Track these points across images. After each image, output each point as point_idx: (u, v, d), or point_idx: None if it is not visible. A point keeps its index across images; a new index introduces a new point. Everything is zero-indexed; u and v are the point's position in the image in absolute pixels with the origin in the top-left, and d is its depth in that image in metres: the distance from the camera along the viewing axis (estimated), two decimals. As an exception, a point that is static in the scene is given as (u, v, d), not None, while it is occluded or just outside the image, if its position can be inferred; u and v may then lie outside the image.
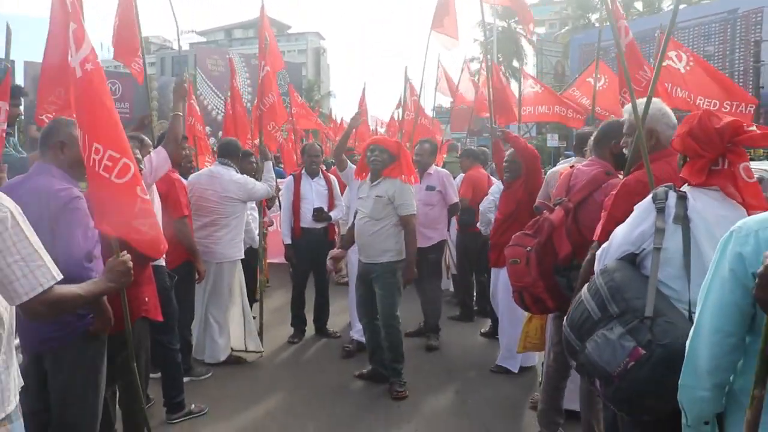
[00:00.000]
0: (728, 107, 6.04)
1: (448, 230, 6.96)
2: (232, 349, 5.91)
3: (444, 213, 6.54)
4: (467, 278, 7.39)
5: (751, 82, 21.62)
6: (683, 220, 2.27)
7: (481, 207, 6.27)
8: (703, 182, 2.32)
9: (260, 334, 6.20)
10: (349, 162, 6.19)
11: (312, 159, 6.75)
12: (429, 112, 14.75)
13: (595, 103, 7.56)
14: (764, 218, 1.72)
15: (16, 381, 2.09)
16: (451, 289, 8.02)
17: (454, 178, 7.13)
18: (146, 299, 3.74)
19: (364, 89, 11.06)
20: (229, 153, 5.88)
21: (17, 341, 2.91)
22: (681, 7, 35.14)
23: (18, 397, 2.08)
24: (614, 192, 2.91)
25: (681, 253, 2.25)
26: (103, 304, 2.88)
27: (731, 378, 1.82)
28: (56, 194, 2.83)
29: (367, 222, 5.14)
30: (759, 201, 2.27)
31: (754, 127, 2.29)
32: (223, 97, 18.10)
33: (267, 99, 6.45)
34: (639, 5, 40.58)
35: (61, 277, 2.10)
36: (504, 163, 5.49)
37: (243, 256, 5.92)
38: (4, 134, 4.08)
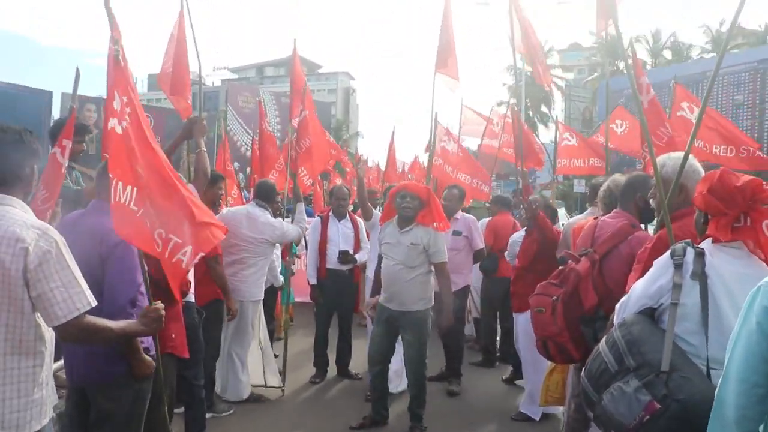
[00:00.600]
0: (744, 152, 6.09)
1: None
2: (252, 386, 5.93)
3: (469, 258, 6.58)
4: (491, 324, 7.36)
5: (781, 132, 21.48)
6: (701, 276, 2.31)
7: (508, 255, 6.31)
8: (728, 238, 2.36)
9: (283, 373, 6.22)
10: (374, 210, 6.29)
11: (339, 202, 6.86)
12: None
13: (617, 148, 7.64)
14: None
15: (51, 397, 2.35)
16: (473, 334, 7.99)
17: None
18: (173, 336, 3.80)
19: (393, 133, 11.18)
20: (267, 196, 5.96)
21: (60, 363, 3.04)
22: (709, 56, 35.22)
23: (52, 411, 2.32)
24: (649, 245, 2.93)
25: (698, 309, 2.28)
26: (138, 349, 2.96)
27: (760, 429, 1.82)
28: (109, 234, 2.94)
29: (401, 269, 5.05)
30: None
31: None
32: (251, 135, 18.41)
33: (304, 143, 6.56)
34: (667, 53, 40.75)
35: (95, 303, 2.33)
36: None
37: (263, 296, 5.98)
38: (65, 170, 4.22)
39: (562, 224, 6.30)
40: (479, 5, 31.42)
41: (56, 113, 15.21)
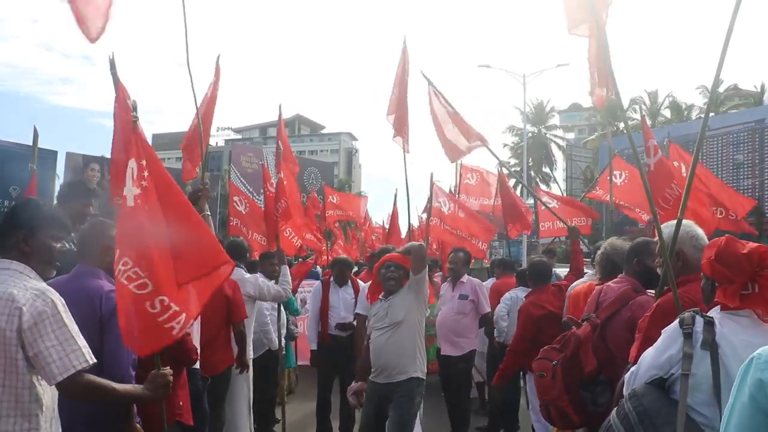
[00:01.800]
0: (734, 216, 6.11)
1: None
2: None
3: (475, 323, 6.54)
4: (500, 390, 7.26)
5: (782, 192, 21.63)
6: (711, 345, 2.28)
7: (495, 314, 6.31)
8: (738, 305, 2.34)
9: None
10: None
11: (342, 271, 6.88)
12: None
13: (617, 200, 7.70)
14: None
15: None
16: (477, 397, 7.86)
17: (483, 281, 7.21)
18: (180, 403, 3.77)
19: (395, 196, 11.28)
20: (234, 254, 5.94)
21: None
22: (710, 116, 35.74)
23: None
24: (649, 314, 2.93)
25: (710, 379, 2.25)
26: (133, 415, 2.97)
27: None
28: (108, 297, 2.99)
29: (386, 340, 4.72)
30: None
31: None
32: (253, 195, 18.59)
33: (279, 204, 6.57)
34: (666, 112, 41.33)
35: (94, 360, 2.38)
36: None
37: (252, 356, 5.92)
38: None
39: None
40: (480, 67, 32.03)
41: (60, 172, 15.36)
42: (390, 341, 4.71)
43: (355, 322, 6.60)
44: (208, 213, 4.76)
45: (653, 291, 3.26)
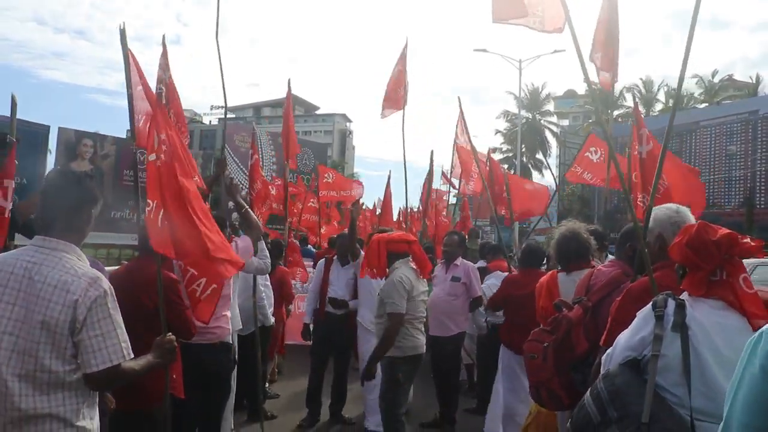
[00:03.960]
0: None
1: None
2: None
3: (466, 305, 6.56)
4: (490, 372, 7.32)
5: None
6: (682, 327, 2.33)
7: (474, 312, 6.43)
8: (703, 294, 2.39)
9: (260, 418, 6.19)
10: (361, 251, 6.37)
11: (341, 251, 6.90)
12: (451, 199, 14.98)
13: (592, 176, 7.73)
14: None
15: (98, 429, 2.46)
16: (466, 380, 7.91)
17: (474, 263, 7.24)
18: (174, 376, 3.77)
19: (389, 178, 11.20)
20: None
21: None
22: (702, 105, 35.80)
23: None
24: (619, 298, 2.98)
25: (680, 360, 2.30)
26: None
27: None
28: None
29: (376, 320, 5.22)
30: (760, 310, 2.33)
31: (747, 239, 2.40)
32: (244, 173, 18.55)
33: (255, 185, 7.01)
34: (662, 96, 41.33)
35: (132, 356, 2.40)
36: None
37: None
38: (8, 214, 4.05)
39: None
40: (477, 51, 31.93)
41: (53, 147, 15.24)
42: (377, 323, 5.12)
43: (350, 301, 6.64)
44: (247, 207, 4.82)
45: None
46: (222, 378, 4.60)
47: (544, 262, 5.88)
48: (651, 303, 2.49)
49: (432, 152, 7.32)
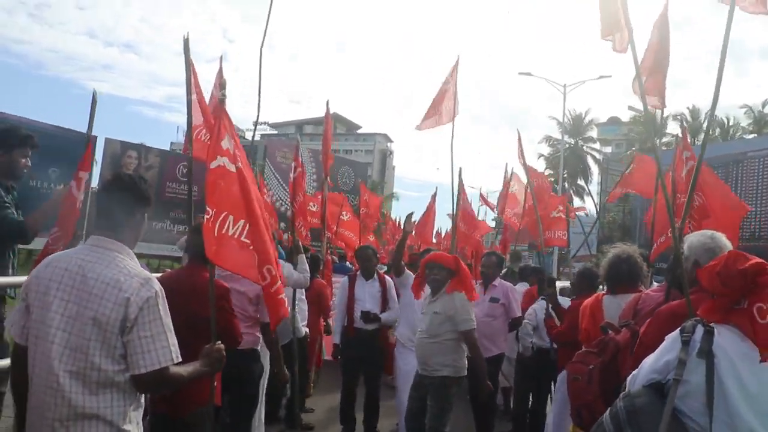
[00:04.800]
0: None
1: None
2: None
3: (505, 326, 6.54)
4: (525, 394, 7.24)
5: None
6: (707, 354, 2.30)
7: (521, 331, 6.33)
8: (719, 320, 2.37)
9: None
10: (406, 269, 6.33)
11: (364, 263, 6.89)
12: (491, 222, 14.93)
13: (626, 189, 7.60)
14: None
15: None
16: (502, 404, 7.82)
17: (515, 284, 7.23)
18: (216, 384, 3.80)
19: (435, 194, 11.13)
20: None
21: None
22: (750, 136, 35.08)
23: None
24: (649, 320, 2.96)
25: (704, 387, 2.28)
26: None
27: None
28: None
29: (425, 338, 5.14)
30: None
31: None
32: (285, 189, 18.80)
33: (298, 198, 6.96)
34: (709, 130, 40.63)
35: (179, 359, 2.39)
36: None
37: None
38: (79, 205, 4.19)
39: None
40: (521, 75, 31.91)
41: (99, 157, 15.60)
42: (425, 342, 5.14)
43: (381, 315, 6.61)
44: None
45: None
46: (250, 385, 4.61)
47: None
48: (680, 327, 2.47)
49: (460, 169, 7.28)
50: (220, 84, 3.39)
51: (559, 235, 8.79)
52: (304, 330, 6.92)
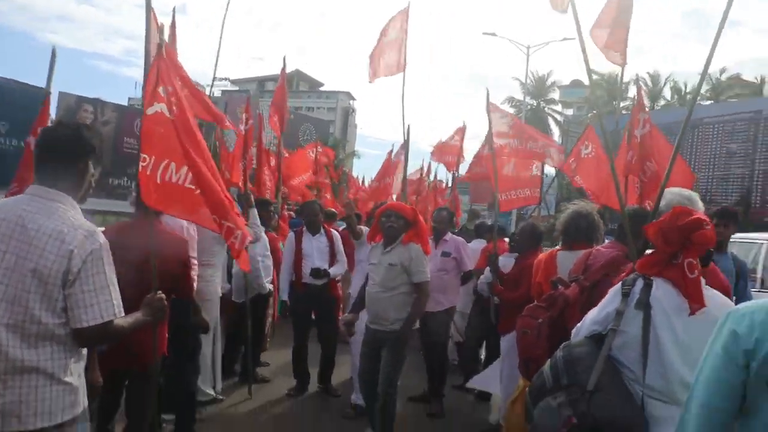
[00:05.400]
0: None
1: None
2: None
3: (457, 280, 6.57)
4: (475, 347, 7.36)
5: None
6: (645, 306, 2.40)
7: (481, 278, 6.35)
8: (657, 273, 2.46)
9: (249, 382, 6.38)
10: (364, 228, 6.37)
11: (310, 218, 6.84)
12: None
13: (577, 172, 7.67)
14: (761, 303, 1.82)
15: (85, 388, 2.38)
16: (456, 359, 7.92)
17: (469, 242, 7.29)
18: (166, 336, 3.78)
19: (391, 152, 11.09)
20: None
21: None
22: (707, 103, 35.67)
23: (86, 401, 2.35)
24: (616, 280, 3.01)
25: (640, 338, 2.38)
26: (95, 367, 3.02)
27: None
28: None
29: (379, 291, 5.00)
30: (698, 296, 2.36)
31: (710, 227, 2.43)
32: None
33: (250, 150, 7.02)
34: (667, 93, 41.18)
35: (122, 314, 2.34)
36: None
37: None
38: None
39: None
40: (485, 35, 31.78)
41: (53, 111, 15.20)
42: (379, 295, 4.98)
43: (330, 269, 6.62)
44: None
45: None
46: (185, 331, 4.45)
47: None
48: (622, 281, 2.58)
49: (408, 126, 7.28)
50: (159, 29, 3.26)
51: (531, 194, 8.76)
52: (269, 287, 6.87)
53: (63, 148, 2.39)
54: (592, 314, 2.64)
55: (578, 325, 2.72)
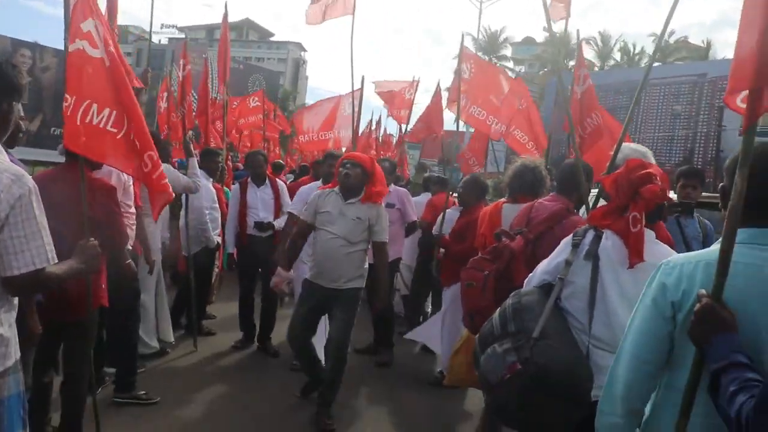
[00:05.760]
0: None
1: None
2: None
3: (401, 231, 6.56)
4: (420, 299, 7.45)
5: (712, 145, 22.41)
6: (593, 257, 2.45)
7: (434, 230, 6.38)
8: (606, 226, 2.50)
9: (194, 335, 6.38)
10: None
11: (255, 169, 6.72)
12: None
13: (512, 124, 7.73)
14: (691, 255, 1.85)
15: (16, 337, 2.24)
16: (402, 311, 7.99)
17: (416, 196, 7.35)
18: (103, 286, 3.70)
19: (337, 102, 10.94)
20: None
21: None
22: (655, 64, 36.26)
23: (18, 352, 2.24)
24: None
25: (587, 289, 2.43)
26: (34, 313, 2.90)
27: (646, 409, 1.88)
28: None
29: (342, 245, 4.70)
30: (638, 250, 2.40)
31: (659, 182, 2.48)
32: (195, 96, 18.24)
33: (188, 97, 7.00)
34: (617, 55, 41.68)
35: (55, 260, 2.22)
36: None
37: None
38: None
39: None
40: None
41: (-9, 56, 14.50)
42: (341, 249, 4.71)
43: (274, 222, 6.53)
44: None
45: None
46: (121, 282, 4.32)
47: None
48: (573, 232, 2.63)
49: (363, 77, 7.19)
50: None
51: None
52: (217, 239, 6.78)
53: None
54: (543, 264, 2.69)
55: (530, 275, 2.76)
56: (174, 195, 3.79)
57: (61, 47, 3.23)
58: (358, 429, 4.86)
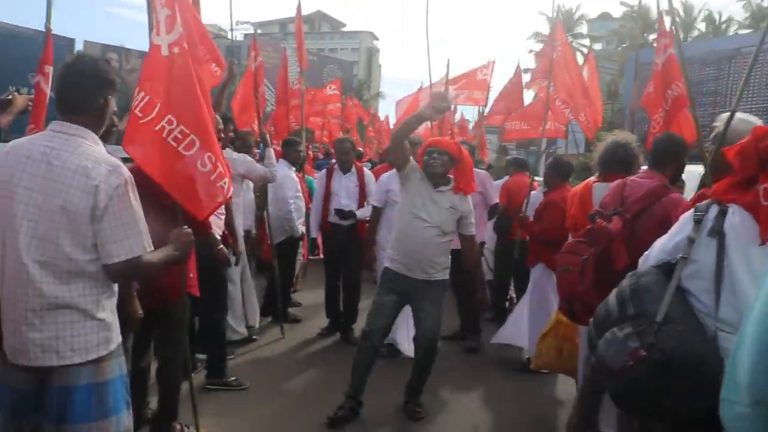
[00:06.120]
0: None
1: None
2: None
3: (484, 215, 6.43)
4: (504, 283, 7.36)
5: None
6: (719, 234, 2.24)
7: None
8: (732, 199, 2.26)
9: (281, 323, 6.48)
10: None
11: (341, 156, 6.65)
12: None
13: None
14: None
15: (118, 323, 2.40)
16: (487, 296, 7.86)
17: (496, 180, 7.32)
18: (191, 275, 3.77)
19: (420, 89, 10.90)
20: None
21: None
22: (747, 32, 34.26)
23: (120, 337, 2.39)
24: (687, 206, 2.83)
25: (713, 268, 2.22)
26: (134, 298, 3.06)
27: None
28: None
29: (435, 234, 4.45)
30: None
31: None
32: (274, 90, 18.50)
33: (260, 89, 6.97)
34: (702, 26, 39.77)
35: (151, 248, 2.34)
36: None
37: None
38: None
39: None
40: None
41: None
42: (434, 240, 4.46)
43: (357, 211, 6.43)
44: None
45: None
46: (208, 270, 4.36)
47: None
48: (694, 207, 2.41)
49: (448, 61, 7.05)
50: None
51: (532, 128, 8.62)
52: (301, 229, 6.82)
53: (85, 82, 2.34)
54: (661, 243, 2.50)
55: (646, 253, 2.58)
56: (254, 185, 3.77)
57: (145, 49, 3.28)
58: (446, 416, 4.80)
